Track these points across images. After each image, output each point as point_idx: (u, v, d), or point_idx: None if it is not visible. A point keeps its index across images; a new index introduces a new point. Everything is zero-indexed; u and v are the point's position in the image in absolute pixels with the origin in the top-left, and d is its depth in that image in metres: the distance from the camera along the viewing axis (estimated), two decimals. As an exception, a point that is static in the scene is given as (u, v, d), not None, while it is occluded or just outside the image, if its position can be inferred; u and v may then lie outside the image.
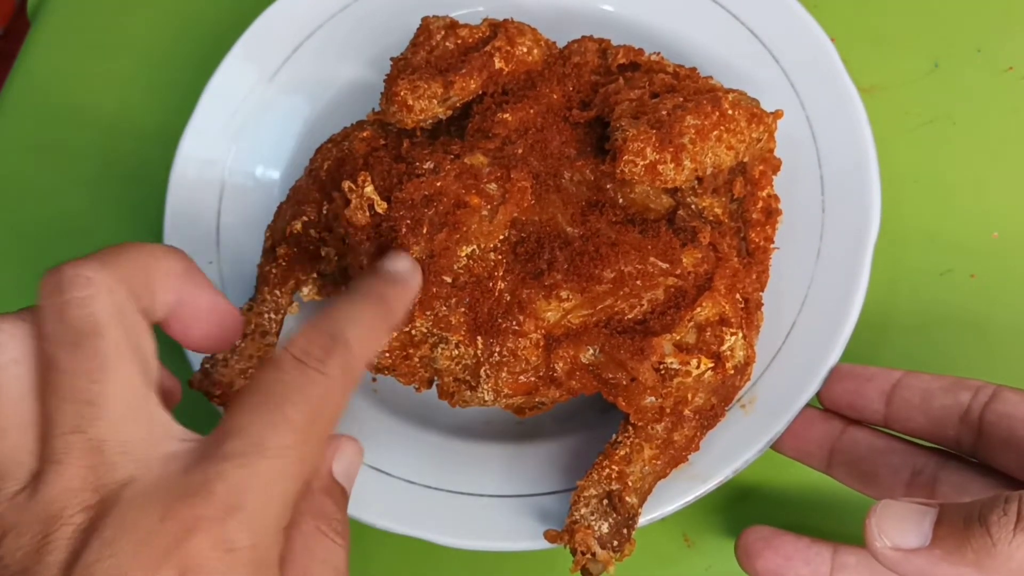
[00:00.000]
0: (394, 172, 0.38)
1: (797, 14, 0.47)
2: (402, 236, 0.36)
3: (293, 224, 0.41)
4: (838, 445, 0.39)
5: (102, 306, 0.25)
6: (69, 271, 0.26)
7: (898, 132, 0.49)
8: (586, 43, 0.44)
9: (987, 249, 0.47)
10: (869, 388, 0.38)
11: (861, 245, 0.41)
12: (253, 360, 0.40)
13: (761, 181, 0.42)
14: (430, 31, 0.44)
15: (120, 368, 0.25)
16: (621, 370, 0.36)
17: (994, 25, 0.51)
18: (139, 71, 0.57)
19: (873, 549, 0.29)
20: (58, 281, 0.26)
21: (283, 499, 0.25)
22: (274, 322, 0.41)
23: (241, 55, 0.50)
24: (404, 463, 0.42)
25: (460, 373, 0.37)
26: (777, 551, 0.37)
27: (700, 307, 0.36)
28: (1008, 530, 0.27)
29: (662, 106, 0.39)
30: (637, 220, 0.39)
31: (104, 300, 0.25)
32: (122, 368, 0.25)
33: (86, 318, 0.25)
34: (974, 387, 0.36)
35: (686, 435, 0.37)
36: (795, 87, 0.46)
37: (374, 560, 0.44)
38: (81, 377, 0.25)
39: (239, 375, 0.39)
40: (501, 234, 0.37)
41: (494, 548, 0.40)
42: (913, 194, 0.48)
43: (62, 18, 0.60)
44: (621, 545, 0.36)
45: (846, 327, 0.40)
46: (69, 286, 0.25)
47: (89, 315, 0.25)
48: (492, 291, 0.36)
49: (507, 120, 0.41)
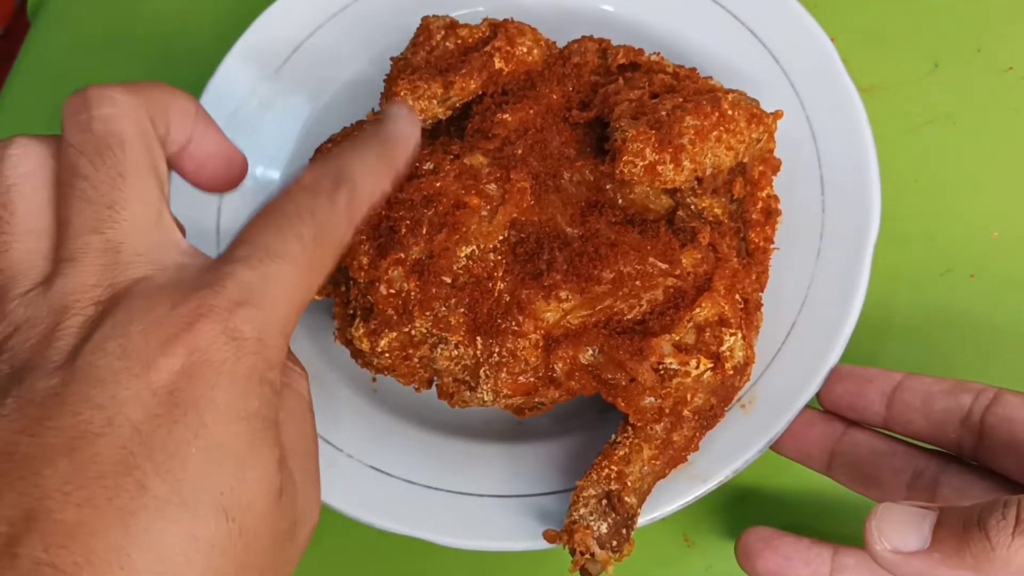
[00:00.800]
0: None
1: (797, 14, 0.47)
2: (402, 236, 0.36)
3: (293, 224, 0.41)
4: (839, 447, 0.39)
5: (127, 123, 0.26)
6: (95, 91, 0.27)
7: (898, 132, 0.49)
8: (586, 43, 0.44)
9: (987, 249, 0.47)
10: (870, 390, 0.38)
11: (861, 245, 0.41)
12: None
13: (761, 181, 0.42)
14: (430, 31, 0.44)
15: (140, 181, 0.26)
16: (620, 370, 0.36)
17: (994, 25, 0.51)
18: (139, 71, 0.57)
19: (872, 551, 0.29)
20: (84, 99, 0.26)
21: (288, 304, 0.25)
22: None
23: (241, 55, 0.50)
24: (404, 463, 0.42)
25: (459, 373, 0.37)
26: (777, 551, 0.37)
27: (699, 307, 0.36)
28: (1007, 534, 0.27)
29: (662, 106, 0.39)
30: (636, 220, 0.39)
31: (129, 118, 0.26)
32: (142, 181, 0.26)
33: (111, 132, 0.26)
34: (975, 390, 0.36)
35: (685, 435, 0.37)
36: (795, 87, 0.46)
37: (374, 560, 0.44)
38: (103, 183, 0.25)
39: None
40: (500, 235, 0.37)
41: (493, 548, 0.40)
42: (913, 194, 0.48)
43: (62, 18, 0.60)
44: (620, 545, 0.36)
45: (846, 327, 0.40)
46: (96, 103, 0.26)
47: (114, 130, 0.26)
48: (491, 292, 0.36)
49: (507, 120, 0.41)
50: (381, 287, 0.37)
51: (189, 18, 0.58)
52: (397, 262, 0.37)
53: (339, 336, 0.40)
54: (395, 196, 0.37)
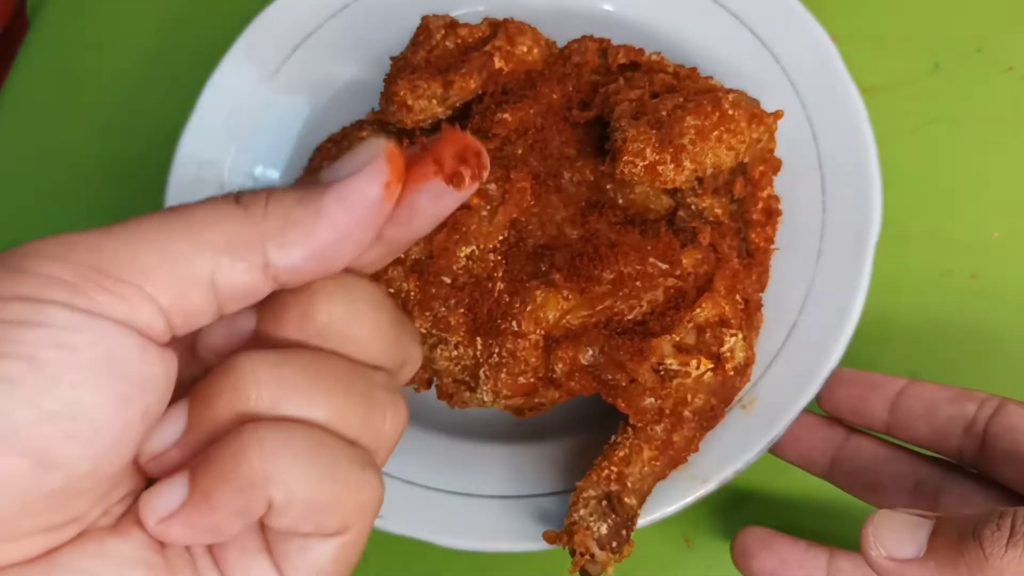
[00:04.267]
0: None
1: (798, 14, 0.47)
2: (401, 236, 0.36)
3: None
4: (841, 453, 0.39)
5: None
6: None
7: (899, 132, 0.49)
8: (586, 43, 0.44)
9: (987, 249, 0.47)
10: (873, 395, 0.38)
11: (862, 246, 0.41)
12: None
13: (761, 181, 0.42)
14: (430, 30, 0.44)
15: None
16: (620, 371, 0.36)
17: (994, 25, 0.51)
18: (139, 71, 0.57)
19: (868, 557, 0.29)
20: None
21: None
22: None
23: (241, 55, 0.50)
24: (404, 463, 0.42)
25: (459, 374, 0.37)
26: (773, 553, 0.37)
27: (700, 308, 0.36)
28: (1000, 545, 0.27)
29: (662, 106, 0.39)
30: (637, 221, 0.39)
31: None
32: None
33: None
34: (980, 399, 0.36)
35: (686, 436, 0.37)
36: (795, 87, 0.45)
37: (374, 560, 0.44)
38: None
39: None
40: (500, 235, 0.37)
41: (493, 549, 0.40)
42: (913, 194, 0.48)
43: (62, 18, 0.60)
44: (620, 546, 0.36)
45: (847, 328, 0.40)
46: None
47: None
48: (491, 292, 0.36)
49: (507, 120, 0.41)
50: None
51: (189, 18, 0.58)
52: (397, 262, 0.36)
53: (339, 336, 0.40)
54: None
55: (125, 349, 0.21)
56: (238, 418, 0.23)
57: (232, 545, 0.25)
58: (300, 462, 0.22)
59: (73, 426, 0.20)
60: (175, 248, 0.22)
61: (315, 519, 0.23)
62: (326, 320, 0.24)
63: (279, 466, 0.22)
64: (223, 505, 0.22)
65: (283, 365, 0.23)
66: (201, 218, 0.23)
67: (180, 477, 0.23)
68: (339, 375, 0.24)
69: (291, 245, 0.23)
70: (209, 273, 0.22)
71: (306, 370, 0.24)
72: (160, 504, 0.23)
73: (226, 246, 0.23)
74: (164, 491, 0.23)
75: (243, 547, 0.25)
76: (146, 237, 0.22)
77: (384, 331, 0.26)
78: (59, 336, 0.20)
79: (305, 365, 0.24)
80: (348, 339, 0.25)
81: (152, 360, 0.22)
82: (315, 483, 0.23)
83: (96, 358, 0.21)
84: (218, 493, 0.22)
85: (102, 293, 0.21)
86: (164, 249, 0.22)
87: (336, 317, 0.24)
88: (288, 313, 0.24)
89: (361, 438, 0.24)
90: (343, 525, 0.24)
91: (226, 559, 0.24)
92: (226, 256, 0.23)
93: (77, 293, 0.21)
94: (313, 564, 0.24)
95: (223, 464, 0.22)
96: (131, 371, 0.21)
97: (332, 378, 0.24)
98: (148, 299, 0.22)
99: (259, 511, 0.22)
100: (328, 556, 0.24)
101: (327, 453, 0.23)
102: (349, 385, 0.24)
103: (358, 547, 0.25)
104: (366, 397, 0.25)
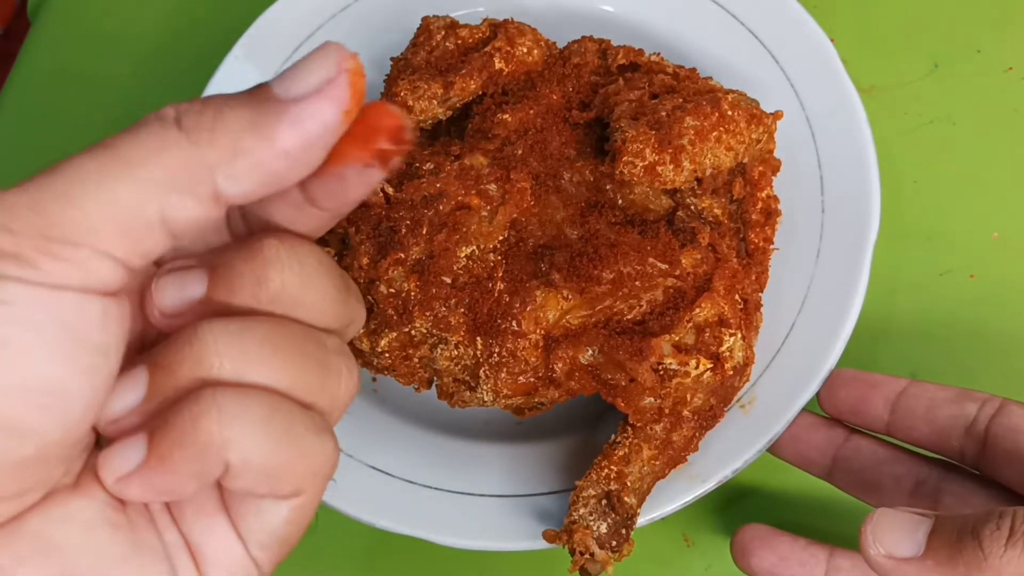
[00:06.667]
0: (394, 172, 0.38)
1: (797, 14, 0.47)
2: (402, 236, 0.36)
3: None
4: (841, 453, 0.39)
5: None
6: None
7: (898, 132, 0.49)
8: (586, 43, 0.44)
9: (987, 249, 0.47)
10: (874, 395, 0.38)
11: (861, 246, 0.41)
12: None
13: (760, 182, 0.42)
14: (430, 31, 0.44)
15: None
16: (620, 371, 0.36)
17: (994, 25, 0.51)
18: (139, 71, 0.57)
19: (867, 556, 0.29)
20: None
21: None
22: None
23: (241, 55, 0.50)
24: (404, 463, 0.42)
25: (459, 373, 0.37)
26: (772, 550, 0.37)
27: (699, 308, 0.36)
28: (999, 545, 0.27)
29: (662, 107, 0.39)
30: (636, 221, 0.39)
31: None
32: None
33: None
34: (980, 399, 0.36)
35: (685, 436, 0.37)
36: (795, 87, 0.46)
37: (374, 560, 0.44)
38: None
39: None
40: (501, 235, 0.37)
41: (493, 548, 0.40)
42: (913, 194, 0.48)
43: (62, 18, 0.60)
44: (619, 545, 0.36)
45: (846, 328, 0.40)
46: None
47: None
48: (491, 292, 0.36)
49: (507, 121, 0.41)
50: (381, 287, 0.37)
51: (189, 18, 0.58)
52: (397, 262, 0.37)
53: (339, 336, 0.40)
54: (395, 196, 0.37)
55: (88, 317, 0.21)
56: (199, 385, 0.23)
57: (190, 504, 0.25)
58: (257, 428, 0.23)
59: (44, 399, 0.21)
60: (120, 195, 0.21)
61: (270, 483, 0.24)
62: (279, 287, 0.24)
63: (236, 431, 0.22)
64: (180, 467, 0.22)
65: (244, 334, 0.23)
66: (141, 152, 0.21)
67: (138, 438, 0.23)
68: (296, 342, 0.24)
69: (241, 175, 0.22)
70: (158, 213, 0.21)
71: (267, 339, 0.24)
72: (118, 464, 0.23)
73: (171, 182, 0.21)
74: (122, 451, 0.23)
75: (201, 507, 0.25)
76: (87, 188, 0.21)
77: (333, 294, 0.26)
78: (19, 313, 0.20)
79: (266, 333, 0.24)
80: (300, 304, 0.25)
81: (113, 323, 0.22)
82: (271, 448, 0.23)
83: (60, 332, 0.21)
84: (175, 456, 0.22)
85: (56, 262, 0.21)
86: (109, 199, 0.21)
87: (289, 283, 0.24)
88: (240, 280, 0.24)
89: (318, 402, 0.25)
90: (297, 488, 0.24)
91: (184, 517, 0.25)
92: (173, 193, 0.21)
93: (30, 266, 0.20)
94: (268, 524, 0.25)
95: (182, 427, 0.22)
96: (95, 339, 0.21)
97: (290, 346, 0.24)
98: (102, 256, 0.21)
99: (215, 473, 0.23)
100: (282, 517, 0.25)
101: (283, 419, 0.23)
102: (306, 352, 0.24)
103: (311, 509, 0.25)
104: (322, 362, 0.25)
